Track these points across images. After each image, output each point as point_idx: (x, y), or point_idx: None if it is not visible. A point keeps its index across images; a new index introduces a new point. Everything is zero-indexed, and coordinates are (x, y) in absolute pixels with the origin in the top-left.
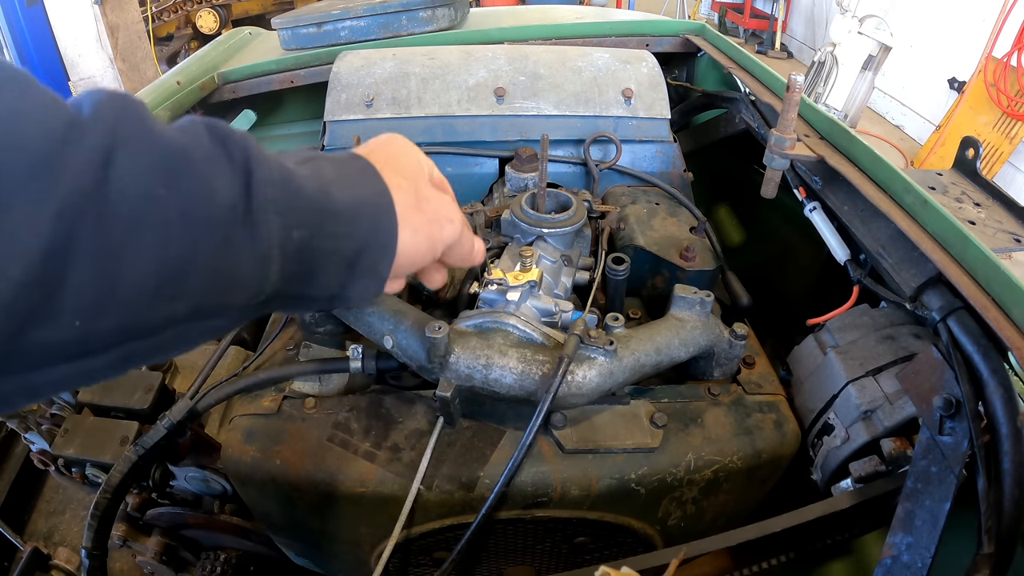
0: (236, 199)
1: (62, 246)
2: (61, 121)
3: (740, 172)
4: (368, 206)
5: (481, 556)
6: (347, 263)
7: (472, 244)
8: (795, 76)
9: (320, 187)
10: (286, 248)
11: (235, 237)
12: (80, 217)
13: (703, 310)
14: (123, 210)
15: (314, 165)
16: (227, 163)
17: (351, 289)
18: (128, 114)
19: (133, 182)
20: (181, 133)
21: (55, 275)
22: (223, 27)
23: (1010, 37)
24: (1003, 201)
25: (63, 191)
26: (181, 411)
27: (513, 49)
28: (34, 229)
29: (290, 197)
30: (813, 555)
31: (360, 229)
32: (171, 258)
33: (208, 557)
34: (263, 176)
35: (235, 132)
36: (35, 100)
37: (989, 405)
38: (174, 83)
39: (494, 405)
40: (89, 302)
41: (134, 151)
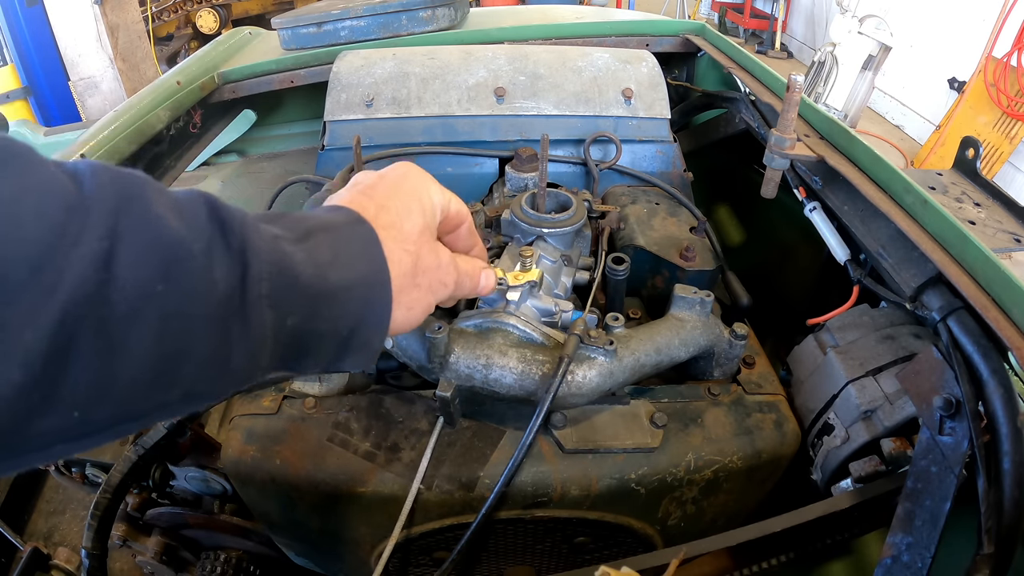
0: (232, 291)
1: (63, 348)
2: (60, 207)
3: (740, 172)
4: (364, 286)
5: (481, 556)
6: (339, 342)
7: (474, 284)
8: (795, 76)
9: (316, 272)
10: (279, 335)
11: (229, 330)
12: (81, 321)
13: (703, 310)
14: (122, 308)
15: (313, 245)
16: (225, 254)
17: (342, 364)
18: (130, 200)
19: (133, 278)
20: (180, 219)
21: (55, 375)
22: (223, 27)
23: (1010, 37)
24: (1003, 201)
25: (65, 295)
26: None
27: (513, 49)
28: (36, 334)
29: (285, 287)
30: (813, 555)
31: (354, 310)
32: (166, 352)
33: (208, 557)
34: (257, 270)
35: (233, 215)
36: (34, 181)
37: (989, 405)
38: (174, 83)
39: (494, 405)
40: (86, 396)
41: (135, 245)
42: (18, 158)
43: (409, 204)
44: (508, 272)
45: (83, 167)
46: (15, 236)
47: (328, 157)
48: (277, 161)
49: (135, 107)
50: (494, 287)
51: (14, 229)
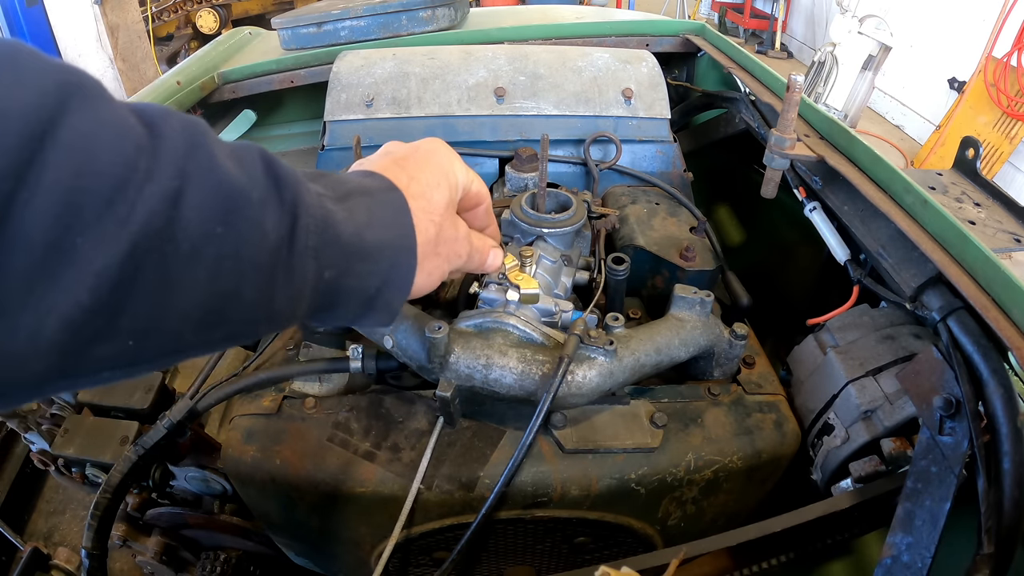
0: (281, 242)
1: (129, 278)
2: (132, 145)
3: (740, 172)
4: (393, 249)
5: (481, 556)
6: (366, 299)
7: (483, 259)
8: (795, 76)
9: (355, 230)
10: (317, 287)
11: (276, 276)
12: (148, 254)
13: (703, 310)
14: (185, 246)
15: (352, 205)
16: (278, 205)
17: (365, 320)
18: (197, 146)
19: (197, 219)
20: (240, 168)
21: (119, 302)
22: (223, 27)
23: (1010, 37)
24: (1003, 201)
25: (136, 227)
26: (181, 411)
27: (513, 49)
28: (106, 262)
29: (327, 243)
30: (813, 555)
31: (382, 269)
32: (218, 292)
33: (208, 557)
34: (305, 223)
35: (286, 171)
36: (109, 117)
37: (989, 405)
38: (174, 83)
39: (494, 405)
40: (143, 327)
41: (201, 188)
42: (95, 95)
43: (437, 178)
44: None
45: (152, 110)
46: (91, 168)
47: (328, 157)
48: None
49: None
50: (500, 266)
51: (91, 160)
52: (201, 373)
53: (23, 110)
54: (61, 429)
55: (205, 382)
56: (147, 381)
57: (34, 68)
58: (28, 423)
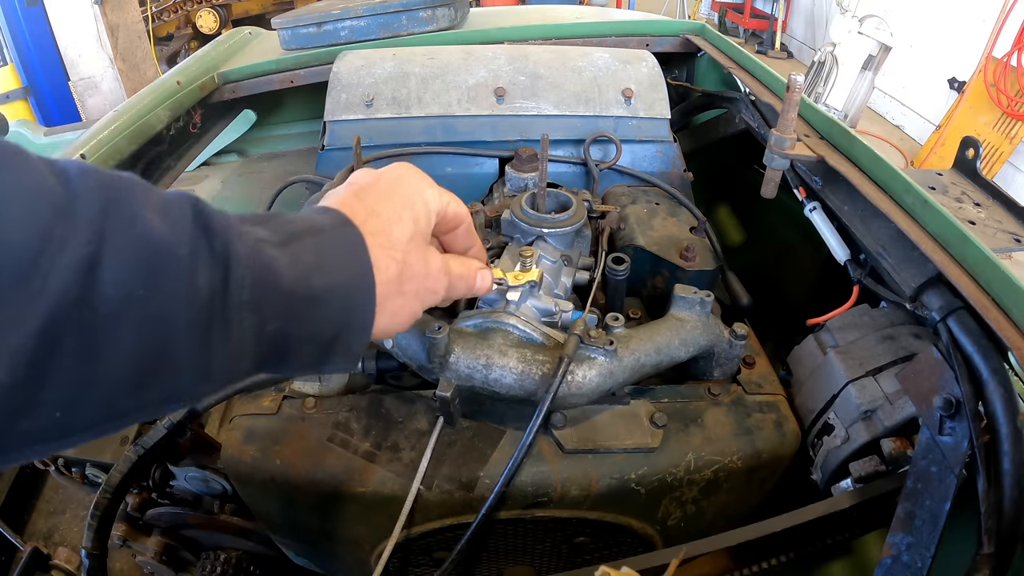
0: (214, 295)
1: (46, 351)
2: (48, 209)
3: (740, 172)
4: (347, 291)
5: (481, 556)
6: (321, 346)
7: (468, 286)
8: (795, 76)
9: (300, 276)
10: (260, 339)
11: (211, 333)
12: (65, 325)
13: (703, 310)
14: (104, 312)
15: (298, 247)
16: (208, 258)
17: (324, 367)
18: (117, 203)
19: (117, 282)
20: (166, 222)
21: (39, 377)
22: (223, 27)
23: (1010, 37)
24: (1003, 201)
25: (50, 300)
26: (181, 411)
27: (513, 49)
28: (20, 338)
29: (265, 293)
30: (813, 555)
31: (336, 315)
32: (147, 354)
33: (208, 557)
34: (239, 275)
35: (219, 221)
36: (19, 183)
37: (989, 405)
38: (174, 83)
39: (494, 405)
40: (69, 397)
41: (120, 249)
42: (7, 159)
43: (400, 210)
44: (508, 272)
45: (72, 168)
46: (3, 240)
47: (328, 157)
48: (277, 161)
49: (135, 107)
50: (491, 287)
51: (2, 232)
52: None
53: None
54: None
55: None
56: None
57: None
58: None
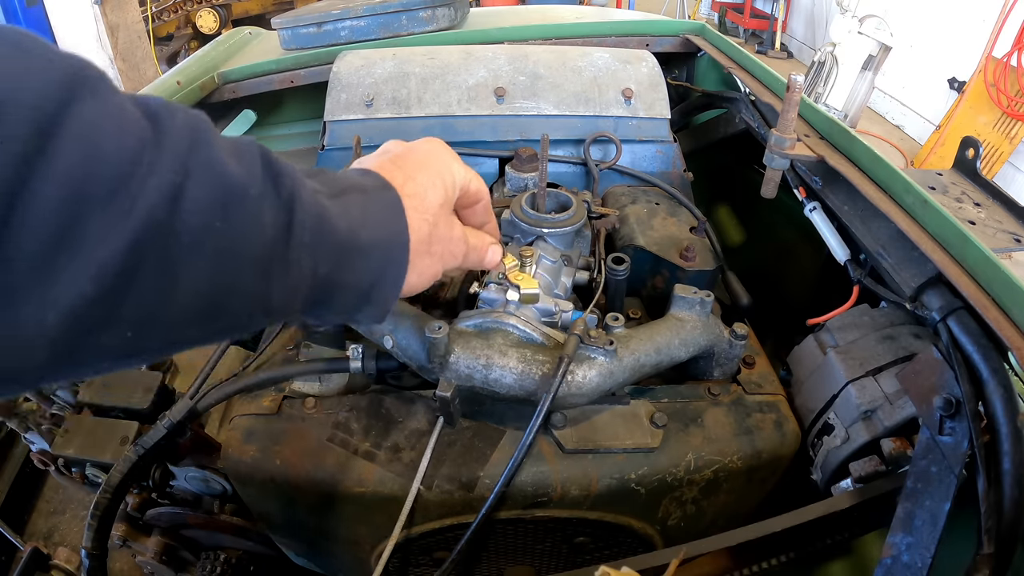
0: (278, 236)
1: (131, 268)
2: (136, 138)
3: (740, 172)
4: (387, 246)
5: (481, 556)
6: (360, 295)
7: (480, 257)
8: (795, 76)
9: (349, 227)
10: (312, 282)
11: (273, 270)
12: (150, 246)
13: (703, 310)
14: (185, 239)
15: (346, 201)
16: (275, 201)
17: (358, 315)
18: (199, 141)
19: (198, 213)
20: (240, 163)
21: (121, 293)
22: (223, 27)
23: (1010, 37)
24: (1003, 201)
25: (138, 222)
26: (181, 411)
27: (513, 49)
28: (109, 252)
29: (323, 239)
30: (813, 555)
31: (376, 266)
32: (217, 285)
33: (208, 557)
34: (301, 219)
35: (284, 167)
36: (114, 109)
37: (989, 405)
38: (174, 83)
39: (494, 405)
40: (144, 317)
41: (202, 183)
42: (101, 86)
43: (433, 178)
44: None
45: (156, 104)
46: (96, 159)
47: (328, 157)
48: None
49: None
50: (499, 262)
51: (96, 152)
52: (201, 373)
53: (32, 99)
54: (61, 429)
55: (205, 382)
56: (147, 381)
57: (42, 57)
58: (28, 423)
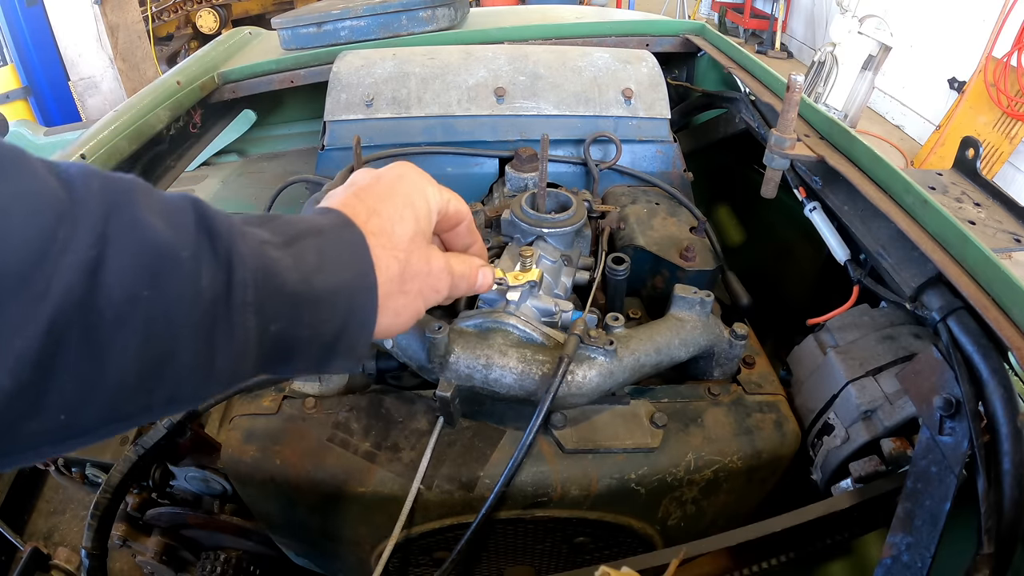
0: (217, 297)
1: (51, 354)
2: (51, 213)
3: (740, 172)
4: (349, 291)
5: (481, 556)
6: (324, 346)
7: (470, 284)
8: (795, 76)
9: (302, 278)
10: (263, 341)
11: (215, 334)
12: (69, 328)
13: (703, 310)
14: (108, 314)
15: (300, 248)
16: (211, 260)
17: (328, 367)
18: (119, 206)
19: (120, 284)
20: (168, 224)
21: (43, 380)
22: (223, 27)
23: (1010, 37)
24: (1003, 201)
25: (54, 304)
26: (181, 411)
27: (513, 49)
28: (25, 341)
29: (269, 295)
30: (813, 555)
31: (339, 315)
32: (152, 356)
33: (208, 557)
34: (242, 277)
35: (222, 223)
36: (22, 188)
37: (989, 405)
38: (174, 83)
39: (494, 405)
40: (73, 400)
41: (124, 252)
42: (10, 163)
43: (402, 210)
44: (508, 272)
45: (74, 171)
46: (5, 245)
47: (328, 157)
48: (277, 161)
49: (135, 107)
50: (492, 284)
51: (5, 238)
52: None
53: None
54: None
55: None
56: None
57: None
58: None
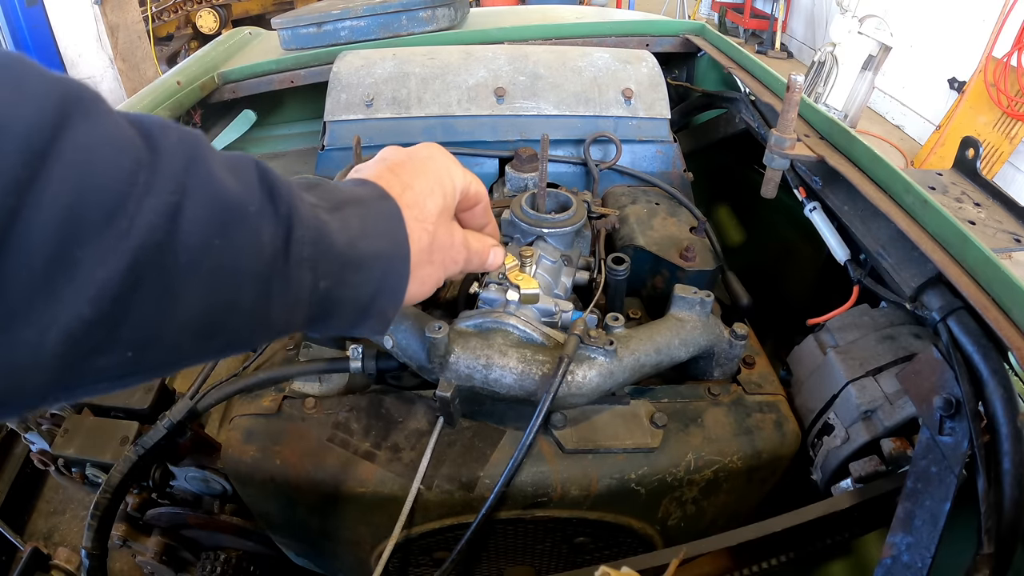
0: (277, 253)
1: (129, 290)
2: (132, 158)
3: (740, 172)
4: (387, 258)
5: (481, 556)
6: (360, 308)
7: (482, 261)
8: (795, 76)
9: (348, 241)
10: (312, 297)
11: (272, 287)
12: (149, 266)
13: (703, 310)
14: (183, 259)
15: (345, 215)
16: (273, 217)
17: (359, 328)
18: (195, 159)
19: (196, 232)
20: (237, 180)
21: (120, 314)
22: (223, 27)
23: (1010, 37)
24: (1003, 201)
25: (136, 242)
26: (181, 411)
27: (513, 49)
28: (108, 274)
29: (322, 253)
30: (813, 555)
31: (376, 278)
32: (217, 304)
33: (208, 557)
34: (301, 234)
35: (281, 182)
36: (109, 131)
37: (989, 405)
38: (174, 83)
39: (494, 405)
40: (143, 338)
41: (200, 202)
42: (95, 108)
43: (432, 185)
44: (508, 266)
45: (151, 123)
46: (92, 182)
47: (328, 157)
48: (277, 161)
49: (135, 107)
50: (502, 264)
51: (91, 175)
52: (201, 373)
53: (25, 125)
54: (61, 429)
55: (205, 382)
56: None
57: (34, 81)
58: (28, 423)
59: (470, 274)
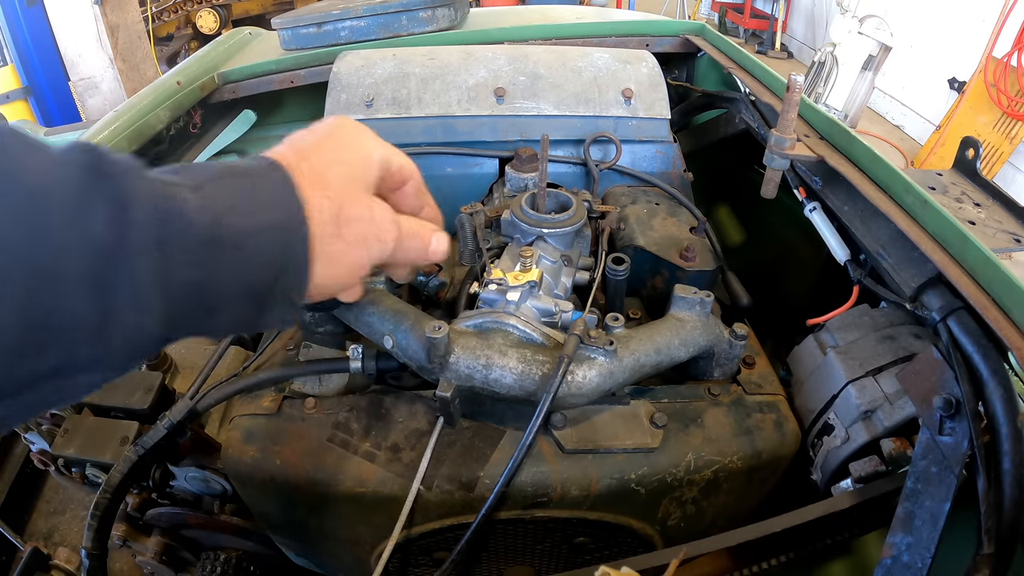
0: (111, 244)
1: None
2: None
3: (740, 172)
4: (275, 232)
5: (481, 556)
6: (253, 296)
7: (422, 246)
8: (795, 76)
9: (213, 219)
10: (170, 293)
11: (108, 284)
12: None
13: (703, 310)
14: None
15: (212, 191)
16: (100, 204)
17: (263, 319)
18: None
19: None
20: (55, 166)
21: None
22: (223, 27)
23: (1010, 37)
24: (1003, 201)
25: None
26: (181, 411)
27: (513, 49)
28: None
29: (172, 235)
30: (813, 555)
31: (265, 259)
32: (33, 311)
33: (208, 557)
34: (138, 218)
35: (117, 163)
36: None
37: (989, 405)
38: (174, 83)
39: (494, 405)
40: None
41: None
42: None
43: (335, 153)
44: (508, 272)
45: None
46: None
47: None
48: None
49: (135, 107)
50: (446, 252)
51: None
52: (201, 373)
53: None
54: (61, 429)
55: (205, 382)
56: (147, 381)
57: None
58: (28, 423)
59: (470, 273)
